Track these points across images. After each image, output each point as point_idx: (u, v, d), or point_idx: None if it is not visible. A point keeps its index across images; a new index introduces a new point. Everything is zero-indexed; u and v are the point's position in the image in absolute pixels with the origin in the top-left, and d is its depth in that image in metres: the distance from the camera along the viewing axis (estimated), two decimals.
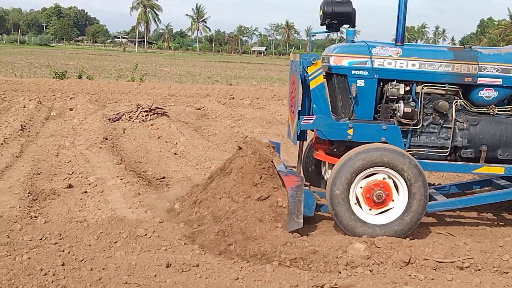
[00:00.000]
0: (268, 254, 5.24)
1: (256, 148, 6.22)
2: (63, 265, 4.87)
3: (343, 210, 5.96)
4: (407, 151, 6.41)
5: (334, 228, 6.29)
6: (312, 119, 6.33)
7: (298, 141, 6.84)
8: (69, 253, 5.19)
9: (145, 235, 5.61)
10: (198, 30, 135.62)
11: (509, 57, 6.50)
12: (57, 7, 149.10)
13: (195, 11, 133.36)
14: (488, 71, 6.40)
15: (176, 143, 11.41)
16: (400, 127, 6.42)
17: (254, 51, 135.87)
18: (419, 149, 6.59)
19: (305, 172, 7.46)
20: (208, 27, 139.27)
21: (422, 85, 6.52)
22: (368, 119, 6.49)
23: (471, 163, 6.52)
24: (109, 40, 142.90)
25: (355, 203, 6.02)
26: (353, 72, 6.39)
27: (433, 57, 6.42)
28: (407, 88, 6.49)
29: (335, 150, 6.66)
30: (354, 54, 6.40)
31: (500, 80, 6.43)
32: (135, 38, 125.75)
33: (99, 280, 4.66)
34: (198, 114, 17.06)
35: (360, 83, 6.40)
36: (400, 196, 6.02)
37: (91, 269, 4.87)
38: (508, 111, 6.67)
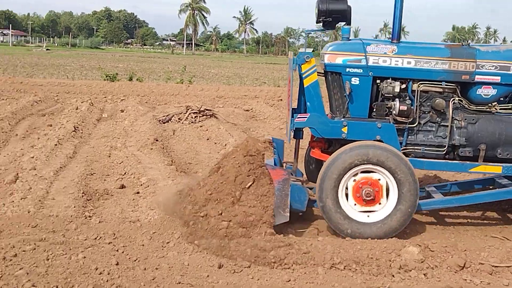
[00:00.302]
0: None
1: (250, 148, 6.12)
2: (117, 264, 4.95)
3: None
4: (403, 149, 6.41)
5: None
6: (306, 117, 6.34)
7: (294, 139, 6.92)
8: (123, 252, 5.27)
9: None
10: (245, 32, 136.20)
11: (508, 54, 6.37)
12: (107, 10, 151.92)
13: (243, 14, 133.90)
14: (486, 69, 6.29)
15: (225, 145, 11.45)
16: (395, 125, 6.35)
17: None
18: (416, 147, 6.50)
19: (306, 170, 7.41)
20: (255, 29, 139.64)
21: (418, 83, 6.42)
22: (363, 117, 6.45)
23: (467, 162, 6.39)
24: (157, 43, 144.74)
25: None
26: (347, 70, 6.36)
27: (429, 55, 6.34)
28: (403, 86, 6.44)
29: (331, 148, 6.66)
30: (349, 52, 6.36)
31: (499, 77, 6.31)
32: (183, 41, 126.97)
33: (153, 279, 4.72)
34: (246, 115, 17.10)
35: (355, 81, 6.37)
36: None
37: (145, 268, 4.94)
38: (509, 109, 6.53)
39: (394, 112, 6.36)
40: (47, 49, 79.35)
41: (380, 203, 5.97)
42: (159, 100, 19.98)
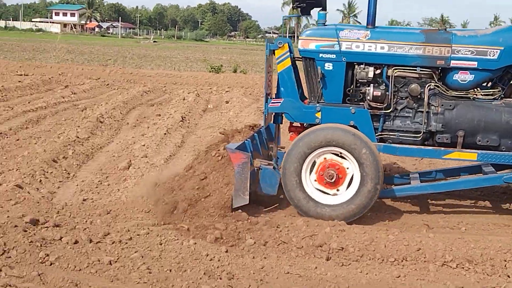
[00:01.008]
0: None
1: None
2: (226, 251, 5.03)
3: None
4: (379, 135, 6.36)
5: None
6: (279, 102, 6.42)
7: (274, 124, 7.00)
8: None
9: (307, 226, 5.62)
10: None
11: (485, 38, 6.19)
12: (212, 3, 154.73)
13: (346, 6, 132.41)
14: (462, 54, 6.13)
15: None
16: (370, 111, 6.30)
17: None
18: (391, 133, 6.41)
19: None
20: (359, 22, 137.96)
21: (393, 69, 6.31)
22: (337, 102, 6.43)
23: (442, 149, 6.23)
24: (260, 35, 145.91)
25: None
26: (320, 55, 6.35)
27: (403, 40, 6.25)
28: (377, 72, 6.38)
29: None
30: (322, 38, 6.36)
31: (476, 63, 6.13)
32: (286, 33, 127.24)
33: (262, 268, 4.76)
34: None
35: (328, 66, 6.35)
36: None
37: (253, 257, 4.99)
38: (489, 95, 6.31)
39: (368, 97, 6.32)
40: (154, 41, 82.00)
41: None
42: (263, 92, 20.08)
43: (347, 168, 5.93)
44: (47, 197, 6.39)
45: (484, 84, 6.40)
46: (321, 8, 6.59)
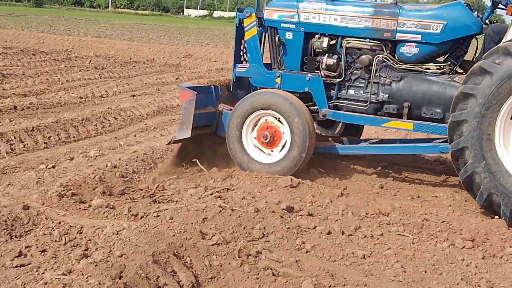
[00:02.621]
0: None
1: None
2: (483, 258, 4.76)
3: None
4: (333, 102, 6.83)
5: None
6: (245, 67, 7.10)
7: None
8: (484, 250, 5.04)
9: None
10: None
11: (430, 13, 6.42)
12: None
13: None
14: (407, 27, 6.42)
15: None
16: (324, 79, 6.78)
17: None
18: (343, 101, 6.84)
19: None
20: None
21: (345, 39, 6.74)
22: (296, 69, 6.99)
23: (381, 117, 6.62)
24: None
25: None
26: (282, 25, 6.96)
27: (355, 12, 6.65)
28: (332, 42, 6.83)
29: None
30: (283, 8, 6.94)
31: (420, 36, 6.38)
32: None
33: None
34: None
35: (289, 35, 6.96)
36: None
37: None
38: (440, 69, 6.51)
39: (322, 66, 6.82)
40: None
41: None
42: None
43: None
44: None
45: (428, 58, 6.55)
46: None
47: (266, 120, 6.63)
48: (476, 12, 6.48)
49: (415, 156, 8.05)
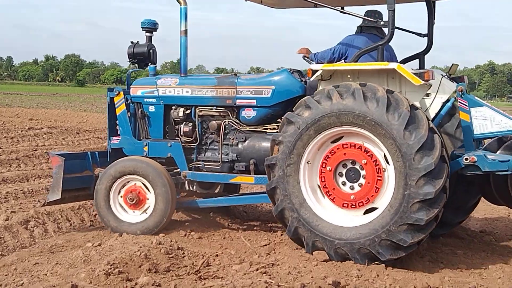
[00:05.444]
0: None
1: None
2: None
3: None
4: (193, 164, 7.62)
5: None
6: (118, 139, 7.91)
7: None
8: None
9: None
10: None
11: (261, 80, 7.33)
12: (490, 64, 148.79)
13: None
14: (244, 94, 7.30)
15: None
16: (183, 144, 7.61)
17: None
18: (200, 163, 7.64)
19: None
20: None
21: (197, 108, 7.61)
22: (159, 138, 7.85)
23: (228, 174, 7.42)
24: None
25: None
26: (145, 100, 7.87)
27: (201, 84, 7.61)
28: (187, 112, 7.68)
29: None
30: (145, 85, 7.91)
31: (255, 100, 7.25)
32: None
33: None
34: None
35: (151, 108, 7.86)
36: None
37: None
38: (274, 128, 7.23)
39: (180, 133, 7.66)
40: None
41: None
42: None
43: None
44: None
45: (266, 119, 7.30)
46: (151, 62, 7.97)
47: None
48: (303, 78, 7.31)
49: (461, 226, 7.91)
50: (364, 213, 6.24)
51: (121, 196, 7.40)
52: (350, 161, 6.29)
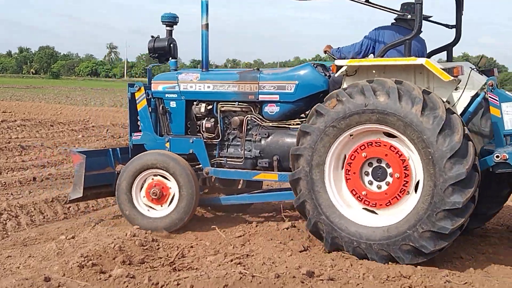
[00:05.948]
0: None
1: None
2: None
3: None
4: (215, 160, 7.48)
5: None
6: (140, 135, 7.81)
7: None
8: None
9: None
10: None
11: (284, 75, 7.17)
12: (465, 56, 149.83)
13: None
14: (266, 89, 7.17)
15: None
16: (205, 140, 7.47)
17: None
18: (221, 159, 7.50)
19: None
20: None
21: (219, 104, 7.48)
22: (181, 134, 7.69)
23: (252, 171, 7.28)
24: None
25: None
26: (166, 95, 7.72)
27: (223, 79, 7.46)
28: (209, 107, 7.54)
29: None
30: (166, 81, 7.75)
31: (278, 96, 7.11)
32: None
33: None
34: None
35: (173, 104, 7.70)
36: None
37: None
38: (298, 124, 6.99)
39: (202, 129, 7.54)
40: None
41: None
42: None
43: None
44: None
45: (289, 114, 7.20)
46: (170, 57, 7.87)
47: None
48: (326, 72, 7.16)
49: None
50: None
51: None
52: (376, 159, 6.11)
